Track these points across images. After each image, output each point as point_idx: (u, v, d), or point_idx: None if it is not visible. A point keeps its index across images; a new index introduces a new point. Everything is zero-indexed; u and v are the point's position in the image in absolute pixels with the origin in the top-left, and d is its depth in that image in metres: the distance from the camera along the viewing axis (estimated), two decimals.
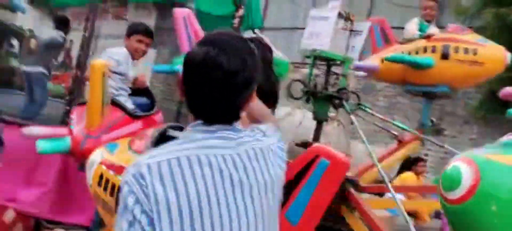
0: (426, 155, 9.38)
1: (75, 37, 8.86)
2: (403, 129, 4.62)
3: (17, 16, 14.33)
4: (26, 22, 15.01)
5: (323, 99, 3.46)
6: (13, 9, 11.18)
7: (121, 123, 3.29)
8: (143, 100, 3.86)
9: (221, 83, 1.18)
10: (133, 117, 3.41)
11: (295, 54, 13.36)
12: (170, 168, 1.13)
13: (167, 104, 12.53)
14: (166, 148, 1.20)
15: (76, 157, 3.21)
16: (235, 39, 1.25)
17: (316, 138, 3.50)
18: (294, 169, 1.85)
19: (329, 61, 3.64)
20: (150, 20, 14.71)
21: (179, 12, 3.99)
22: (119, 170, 2.47)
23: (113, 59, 3.54)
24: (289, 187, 1.81)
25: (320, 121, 3.55)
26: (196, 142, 1.20)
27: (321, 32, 4.03)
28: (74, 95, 5.60)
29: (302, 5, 14.09)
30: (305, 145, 3.22)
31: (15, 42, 10.30)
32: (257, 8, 7.33)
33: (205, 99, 1.21)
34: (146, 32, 3.75)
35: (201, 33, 6.21)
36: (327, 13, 4.15)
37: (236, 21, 6.25)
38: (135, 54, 3.69)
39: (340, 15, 4.12)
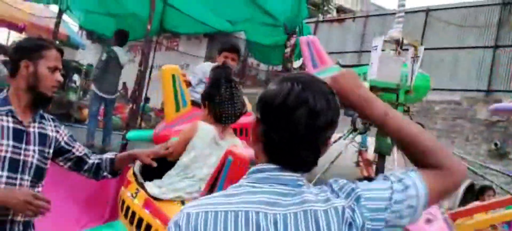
0: (491, 181, 8.88)
1: (131, 69, 9.15)
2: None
3: (77, 52, 15.09)
4: (87, 56, 15.75)
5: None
6: (75, 46, 11.78)
7: (197, 118, 3.79)
8: None
9: (305, 122, 1.10)
10: None
11: None
12: (206, 222, 1.08)
13: None
14: (216, 198, 1.15)
15: (155, 142, 3.90)
16: (316, 79, 1.17)
17: (379, 172, 3.34)
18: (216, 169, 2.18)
19: (395, 91, 3.51)
20: (201, 50, 15.04)
21: (304, 38, 4.42)
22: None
23: (201, 71, 4.19)
24: (213, 184, 2.16)
25: (382, 154, 3.40)
26: (243, 196, 1.12)
27: (372, 62, 3.94)
28: (129, 129, 5.69)
29: (351, 28, 13.96)
30: (369, 180, 3.08)
31: (76, 77, 10.80)
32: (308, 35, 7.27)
33: (284, 141, 1.12)
34: (231, 48, 4.24)
35: (326, 57, 6.41)
36: (377, 42, 4.05)
37: (288, 50, 6.20)
38: None
39: (397, 42, 3.99)
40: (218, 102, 2.60)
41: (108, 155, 2.31)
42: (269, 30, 6.94)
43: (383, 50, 3.89)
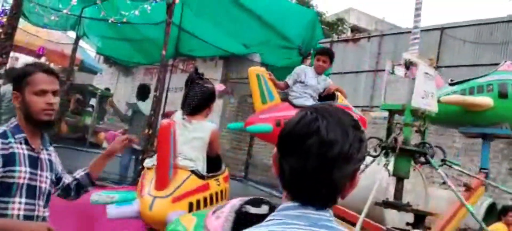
0: None
1: None
2: None
3: (94, 76, 15.30)
4: (104, 81, 15.94)
5: (405, 155, 3.24)
6: (93, 70, 11.90)
7: (282, 108, 4.57)
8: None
9: (316, 152, 1.03)
10: (295, 106, 4.52)
11: (361, 97, 13.16)
12: None
13: (235, 154, 12.62)
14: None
15: (244, 126, 4.71)
16: (339, 110, 1.12)
17: (397, 196, 3.28)
18: None
19: (401, 112, 3.48)
20: (216, 73, 15.13)
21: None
22: None
23: (296, 73, 4.76)
24: None
25: (401, 178, 3.33)
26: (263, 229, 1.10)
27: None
28: (146, 156, 5.68)
29: (366, 48, 13.91)
30: (387, 204, 3.03)
31: (93, 101, 10.92)
32: None
33: (295, 172, 1.07)
34: (322, 51, 4.93)
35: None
36: (387, 66, 4.07)
37: None
38: (318, 69, 4.76)
39: (406, 64, 3.95)
40: (183, 97, 3.44)
41: (81, 172, 2.33)
42: (284, 53, 6.95)
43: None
